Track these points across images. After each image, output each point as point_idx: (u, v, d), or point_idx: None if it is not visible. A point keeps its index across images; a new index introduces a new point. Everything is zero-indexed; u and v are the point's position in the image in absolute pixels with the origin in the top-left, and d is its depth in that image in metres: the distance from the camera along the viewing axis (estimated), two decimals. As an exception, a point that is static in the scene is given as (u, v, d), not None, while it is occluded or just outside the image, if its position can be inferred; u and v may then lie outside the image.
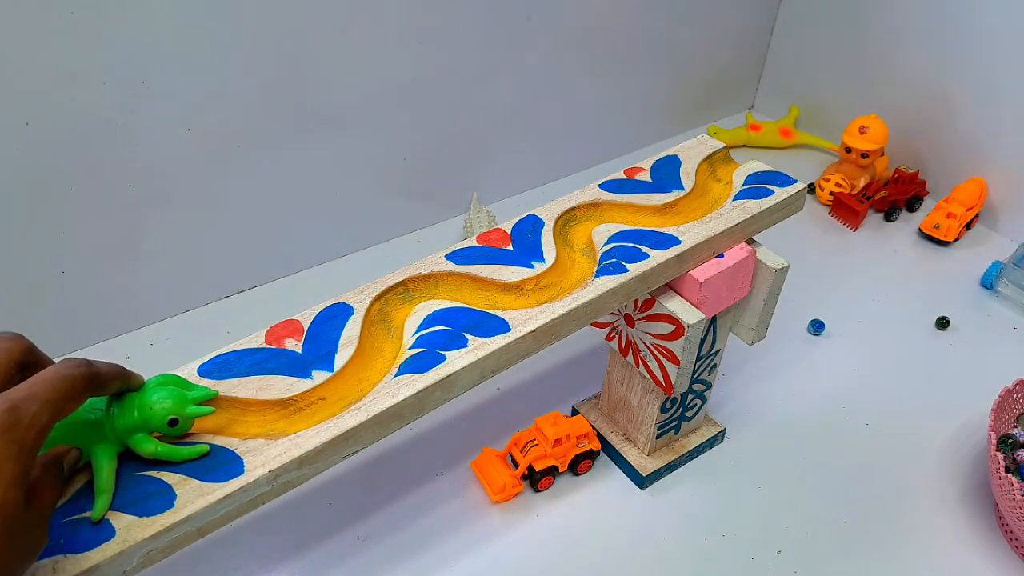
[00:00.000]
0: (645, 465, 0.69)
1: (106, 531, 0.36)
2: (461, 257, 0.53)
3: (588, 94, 1.04)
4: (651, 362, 0.60)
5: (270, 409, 0.43)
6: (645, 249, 0.54)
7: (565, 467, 0.68)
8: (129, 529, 0.36)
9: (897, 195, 1.00)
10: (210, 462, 0.40)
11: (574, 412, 0.74)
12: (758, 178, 0.61)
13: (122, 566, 0.36)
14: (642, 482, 0.68)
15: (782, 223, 0.61)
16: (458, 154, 0.97)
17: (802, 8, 1.12)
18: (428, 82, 0.88)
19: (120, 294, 0.81)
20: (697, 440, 0.71)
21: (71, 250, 0.75)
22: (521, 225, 0.56)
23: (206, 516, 0.38)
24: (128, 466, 0.39)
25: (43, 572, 0.34)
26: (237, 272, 0.89)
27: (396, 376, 0.45)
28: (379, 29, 0.81)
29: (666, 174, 0.61)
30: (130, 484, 0.38)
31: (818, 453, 0.72)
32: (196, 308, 0.87)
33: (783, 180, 0.61)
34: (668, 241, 0.55)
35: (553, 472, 0.68)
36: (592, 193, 0.59)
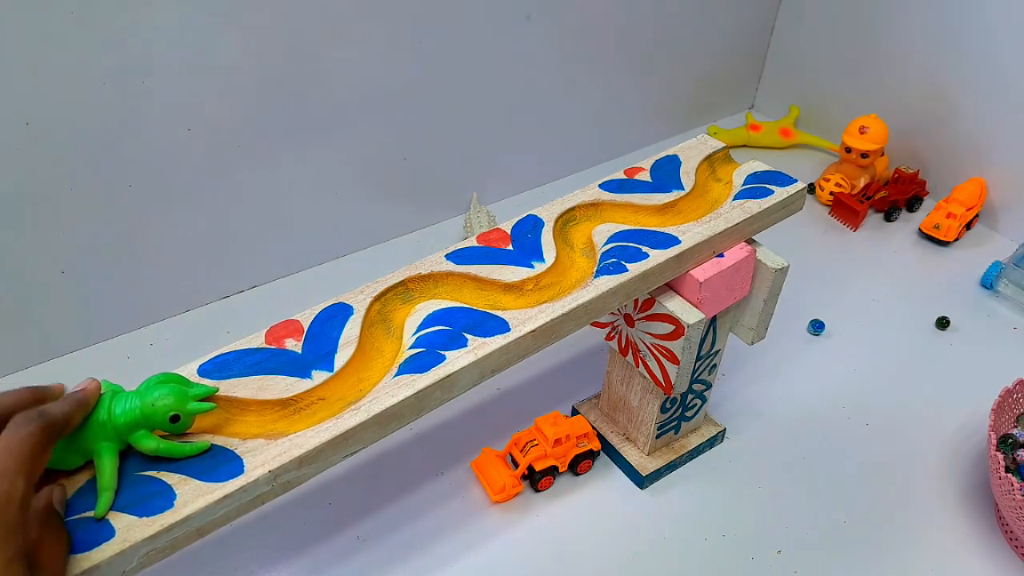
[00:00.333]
0: (645, 465, 0.69)
1: (106, 531, 0.36)
2: (461, 257, 0.53)
3: (588, 94, 1.04)
4: (651, 362, 0.60)
5: (270, 409, 0.43)
6: (645, 249, 0.54)
7: (565, 467, 0.68)
8: (129, 529, 0.36)
9: (897, 195, 1.00)
10: (210, 462, 0.40)
11: (574, 412, 0.74)
12: (758, 178, 0.61)
13: (122, 566, 0.36)
14: (642, 482, 0.68)
15: (782, 223, 0.61)
16: (458, 154, 0.97)
17: (802, 8, 1.12)
18: (428, 82, 0.88)
19: (120, 294, 0.81)
20: (697, 440, 0.71)
21: (71, 250, 0.75)
22: (521, 225, 0.56)
23: (206, 516, 0.38)
24: (128, 466, 0.39)
25: None
26: (237, 272, 0.89)
27: (396, 376, 0.45)
28: (379, 29, 0.81)
29: (666, 174, 0.61)
30: (130, 484, 0.38)
31: (818, 453, 0.72)
32: (196, 308, 0.87)
33: (783, 180, 0.61)
34: (668, 241, 0.55)
35: (553, 472, 0.68)
36: (592, 193, 0.59)
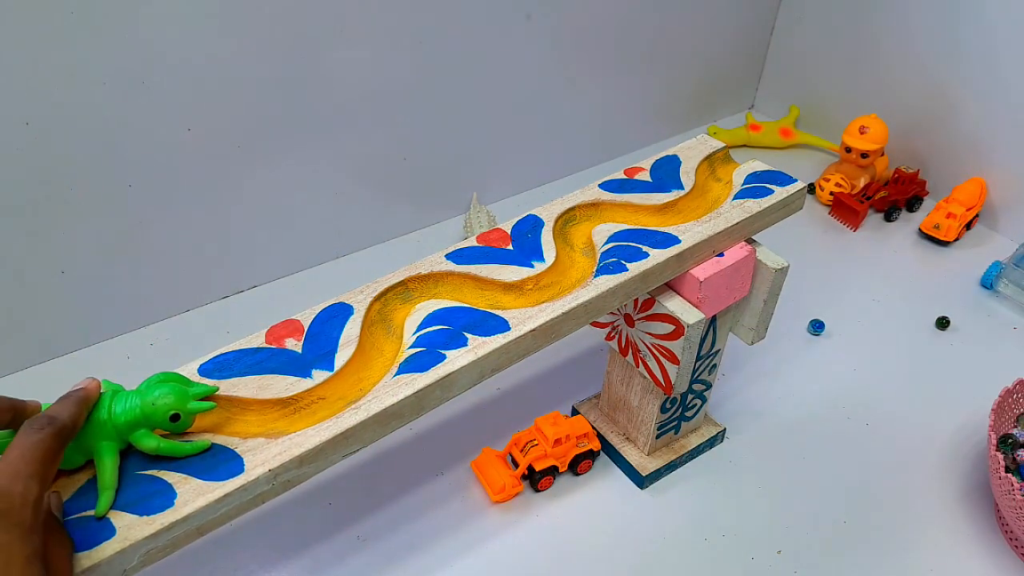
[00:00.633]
0: (645, 465, 0.69)
1: (106, 530, 0.36)
2: (461, 257, 0.53)
3: (588, 94, 1.04)
4: (651, 362, 0.60)
5: (270, 408, 0.43)
6: (645, 248, 0.54)
7: (565, 467, 0.68)
8: (129, 528, 0.36)
9: (897, 195, 1.00)
10: (210, 461, 0.40)
11: (574, 412, 0.74)
12: (758, 177, 0.61)
13: (122, 565, 0.36)
14: (642, 482, 0.68)
15: (782, 223, 0.61)
16: (458, 154, 0.97)
17: (802, 8, 1.12)
18: (428, 82, 0.88)
19: (120, 294, 0.81)
20: (697, 440, 0.71)
21: (71, 250, 0.75)
22: (521, 225, 0.56)
23: (206, 515, 0.38)
24: (129, 465, 0.39)
25: None
26: (237, 272, 0.89)
27: (396, 375, 0.45)
28: (379, 29, 0.81)
29: (666, 174, 0.61)
30: (130, 483, 0.38)
31: (818, 453, 0.72)
32: (196, 308, 0.87)
33: (783, 179, 0.61)
34: (668, 240, 0.55)
35: (553, 472, 0.68)
36: (592, 193, 0.59)
